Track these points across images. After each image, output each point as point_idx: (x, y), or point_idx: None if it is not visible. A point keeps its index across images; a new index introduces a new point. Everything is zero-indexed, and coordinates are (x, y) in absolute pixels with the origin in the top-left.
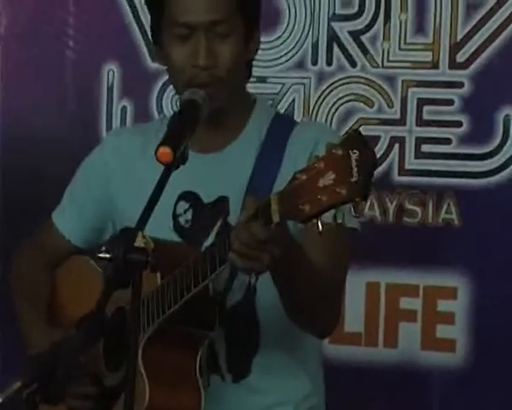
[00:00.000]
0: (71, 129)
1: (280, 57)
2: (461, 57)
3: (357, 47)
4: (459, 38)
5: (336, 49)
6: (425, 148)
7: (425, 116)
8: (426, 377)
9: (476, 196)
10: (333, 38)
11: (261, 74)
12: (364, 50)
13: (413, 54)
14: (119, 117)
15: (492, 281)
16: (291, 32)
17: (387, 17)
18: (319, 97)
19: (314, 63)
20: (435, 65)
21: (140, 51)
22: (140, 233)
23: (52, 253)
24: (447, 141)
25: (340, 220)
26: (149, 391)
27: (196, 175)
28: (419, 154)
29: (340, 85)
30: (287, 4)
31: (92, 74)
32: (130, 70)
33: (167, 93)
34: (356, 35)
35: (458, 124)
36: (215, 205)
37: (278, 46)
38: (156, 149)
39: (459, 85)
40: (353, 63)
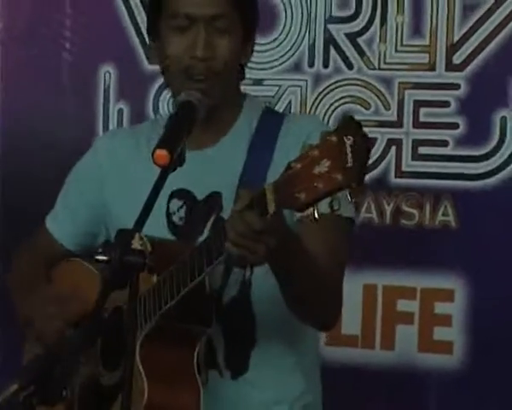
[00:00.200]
0: (68, 131)
1: (276, 59)
2: (457, 59)
3: (353, 49)
4: (455, 40)
5: (333, 51)
6: (422, 150)
7: (422, 118)
8: (423, 379)
9: (473, 198)
10: (329, 41)
11: (257, 77)
12: (361, 52)
13: (409, 56)
14: (116, 119)
15: (489, 283)
16: (287, 34)
17: (384, 19)
18: (316, 100)
19: (310, 65)
20: (432, 67)
21: (137, 53)
22: (137, 235)
23: (46, 256)
24: (444, 143)
25: (337, 207)
26: (148, 389)
27: (188, 172)
28: (416, 156)
29: (337, 88)
30: (283, 6)
31: (89, 76)
32: (126, 72)
33: (164, 95)
34: (352, 37)
35: (455, 126)
36: (208, 201)
37: (275, 48)
38: (153, 152)
39: (456, 87)
40: (350, 65)
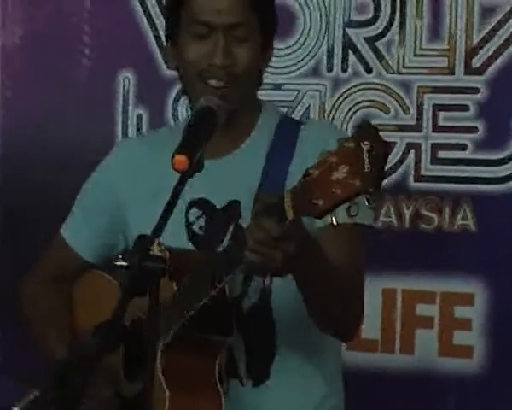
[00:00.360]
0: (87, 137)
1: (295, 64)
2: (476, 62)
3: (372, 53)
4: (474, 44)
5: (351, 55)
6: (441, 154)
7: (441, 122)
8: (443, 383)
9: (492, 202)
10: (348, 45)
11: (276, 81)
12: (380, 56)
13: (428, 59)
14: (135, 125)
15: (509, 286)
16: (306, 39)
17: (403, 23)
18: (334, 104)
19: (329, 70)
20: (451, 71)
21: (155, 59)
22: (156, 241)
23: (64, 269)
24: (463, 147)
25: (355, 213)
26: (169, 398)
27: (206, 181)
28: (435, 160)
29: (356, 92)
30: (301, 11)
31: (108, 82)
32: (145, 77)
33: (182, 100)
34: (371, 41)
35: (474, 130)
36: (227, 210)
37: (293, 53)
38: (172, 157)
39: (475, 91)
40: (369, 69)
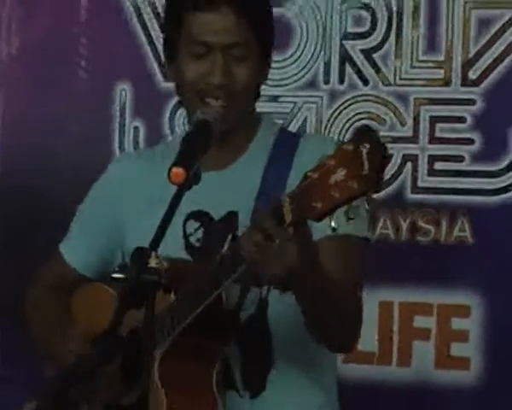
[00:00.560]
0: (84, 149)
1: (292, 76)
2: (473, 74)
3: (369, 65)
4: (471, 55)
5: (348, 67)
6: (438, 165)
7: (437, 134)
8: (440, 395)
9: (489, 214)
10: (345, 57)
11: (273, 93)
12: (376, 68)
13: (425, 71)
14: (132, 137)
15: (506, 299)
16: (303, 51)
17: (399, 35)
18: (331, 116)
19: (326, 82)
20: (447, 82)
21: (152, 71)
22: (153, 253)
23: (62, 281)
24: (460, 158)
25: (353, 216)
26: (167, 406)
27: (205, 193)
28: (432, 171)
29: (353, 104)
30: (298, 23)
31: (105, 94)
32: (142, 90)
33: (179, 113)
34: (368, 53)
35: (471, 141)
36: (224, 221)
37: (290, 65)
38: (169, 170)
39: (471, 103)
40: (365, 81)
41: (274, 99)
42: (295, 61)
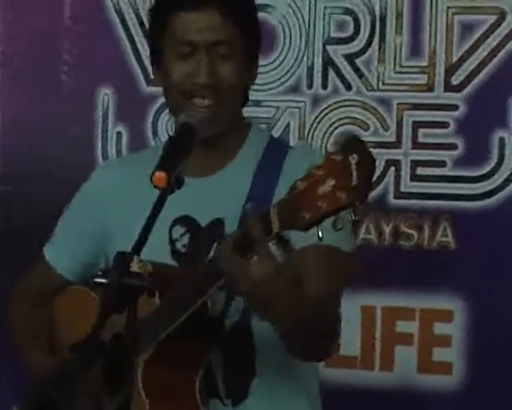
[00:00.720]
0: (66, 154)
1: (275, 81)
2: (456, 80)
3: (352, 70)
4: (454, 61)
5: (331, 72)
6: (420, 171)
7: (420, 139)
8: (422, 400)
9: (472, 219)
10: (328, 62)
11: (256, 98)
12: (359, 74)
13: (408, 77)
14: (115, 142)
15: (488, 303)
16: (286, 56)
17: (382, 40)
18: (314, 121)
19: (309, 87)
20: (430, 88)
21: (135, 76)
22: (136, 258)
23: (45, 285)
24: (442, 164)
25: (340, 227)
26: None
27: (192, 199)
28: (414, 176)
29: (336, 109)
30: (281, 28)
31: (87, 99)
32: (125, 94)
33: (162, 117)
34: (351, 58)
35: (453, 146)
36: (210, 228)
37: (273, 70)
38: (152, 174)
39: (454, 108)
40: (348, 86)
41: (257, 104)
42: (278, 66)
